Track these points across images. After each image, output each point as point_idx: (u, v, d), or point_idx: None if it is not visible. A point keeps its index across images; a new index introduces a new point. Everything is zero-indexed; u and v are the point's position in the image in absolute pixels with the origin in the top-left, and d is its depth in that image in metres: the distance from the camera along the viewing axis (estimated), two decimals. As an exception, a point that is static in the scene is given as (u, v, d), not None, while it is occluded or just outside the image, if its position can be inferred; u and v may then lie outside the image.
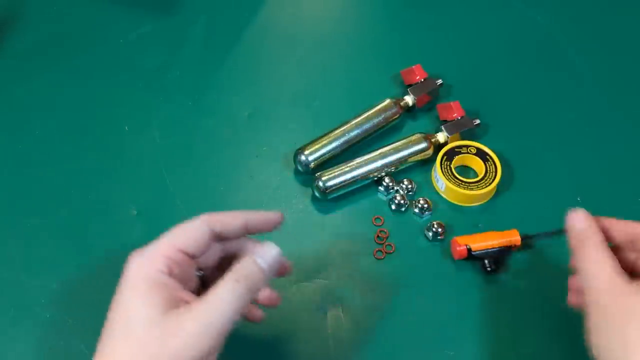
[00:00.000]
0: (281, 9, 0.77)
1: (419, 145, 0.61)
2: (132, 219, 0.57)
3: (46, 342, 0.50)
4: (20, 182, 0.59)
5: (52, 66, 0.69)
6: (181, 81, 0.68)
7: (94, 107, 0.66)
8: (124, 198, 0.58)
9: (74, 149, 0.62)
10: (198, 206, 0.58)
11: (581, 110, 0.67)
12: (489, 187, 0.58)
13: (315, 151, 0.59)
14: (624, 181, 0.61)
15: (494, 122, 0.65)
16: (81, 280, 0.53)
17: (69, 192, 0.59)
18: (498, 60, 0.72)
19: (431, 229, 0.56)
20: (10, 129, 0.63)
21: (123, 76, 0.69)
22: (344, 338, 0.51)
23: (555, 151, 0.63)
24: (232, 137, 0.64)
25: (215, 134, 0.64)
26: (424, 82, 0.66)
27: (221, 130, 0.64)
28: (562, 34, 0.74)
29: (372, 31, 0.76)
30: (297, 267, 0.55)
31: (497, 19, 0.77)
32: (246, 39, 0.73)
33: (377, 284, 0.54)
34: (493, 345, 0.51)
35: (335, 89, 0.68)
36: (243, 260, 0.39)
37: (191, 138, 0.64)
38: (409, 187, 0.59)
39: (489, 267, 0.53)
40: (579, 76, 0.70)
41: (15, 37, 0.71)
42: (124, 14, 0.74)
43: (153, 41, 0.72)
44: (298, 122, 0.65)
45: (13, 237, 0.56)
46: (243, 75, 0.70)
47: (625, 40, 0.74)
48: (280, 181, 0.60)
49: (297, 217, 0.58)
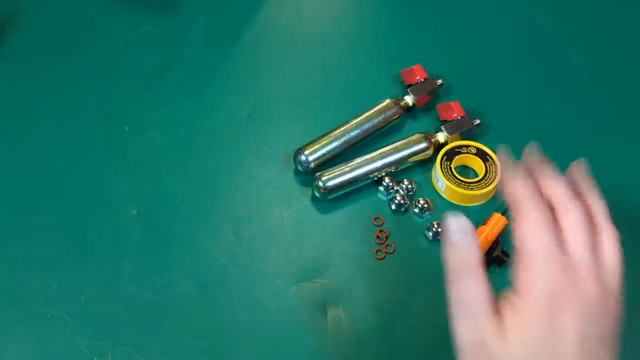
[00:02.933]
0: (281, 8, 0.77)
1: (419, 145, 0.61)
2: (132, 219, 0.57)
3: (46, 342, 0.50)
4: (20, 182, 0.59)
5: (52, 66, 0.69)
6: (181, 81, 0.68)
7: (94, 107, 0.66)
8: (124, 198, 0.58)
9: (74, 149, 0.62)
10: (198, 206, 0.58)
11: (581, 110, 0.67)
12: (489, 187, 0.58)
13: (315, 151, 0.59)
14: (624, 181, 0.61)
15: (494, 122, 0.65)
16: (81, 280, 0.53)
17: (69, 192, 0.59)
18: (498, 60, 0.72)
19: (431, 229, 0.56)
20: (10, 129, 0.63)
21: (123, 76, 0.69)
22: (344, 338, 0.51)
23: (555, 151, 0.63)
24: (232, 137, 0.64)
25: (215, 134, 0.64)
26: (424, 82, 0.66)
27: (221, 130, 0.64)
28: (562, 33, 0.74)
29: (372, 31, 0.76)
30: (297, 267, 0.55)
31: (497, 19, 0.77)
32: (246, 39, 0.73)
33: (377, 284, 0.54)
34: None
35: (335, 89, 0.68)
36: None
37: (191, 138, 0.64)
38: (409, 187, 0.59)
39: (505, 258, 0.54)
40: (579, 76, 0.70)
41: (15, 37, 0.71)
42: (124, 14, 0.74)
43: (153, 41, 0.72)
44: (298, 122, 0.65)
45: (13, 237, 0.56)
46: (243, 75, 0.70)
47: (625, 40, 0.74)
48: (280, 181, 0.60)
49: (297, 217, 0.58)
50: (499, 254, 0.54)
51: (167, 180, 0.60)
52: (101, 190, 0.59)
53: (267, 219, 0.58)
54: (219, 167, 0.61)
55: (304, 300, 0.53)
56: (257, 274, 0.54)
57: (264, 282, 0.54)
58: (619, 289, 0.38)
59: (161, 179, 0.60)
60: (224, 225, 0.57)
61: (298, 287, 0.54)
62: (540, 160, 0.41)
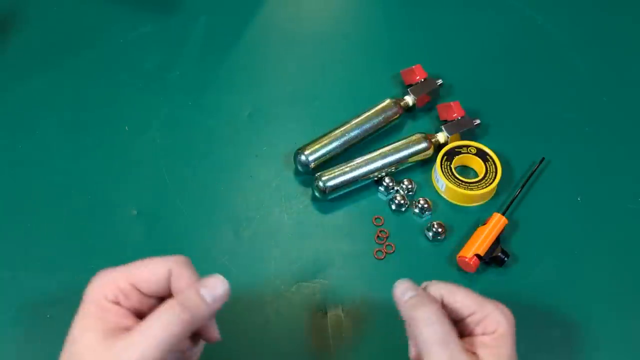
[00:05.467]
0: (281, 8, 0.77)
1: (419, 145, 0.60)
2: (132, 219, 0.57)
3: (46, 342, 0.50)
4: (20, 182, 0.59)
5: (52, 66, 0.69)
6: (181, 81, 0.68)
7: (94, 107, 0.66)
8: (124, 198, 0.58)
9: (74, 149, 0.62)
10: (198, 206, 0.58)
11: (581, 110, 0.67)
12: (489, 187, 0.58)
13: (316, 151, 0.59)
14: (624, 181, 0.61)
15: (494, 122, 0.65)
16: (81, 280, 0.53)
17: (69, 192, 0.59)
18: (498, 60, 0.72)
19: (431, 229, 0.56)
20: (10, 129, 0.63)
21: (123, 76, 0.69)
22: (344, 338, 0.51)
23: (555, 151, 0.63)
24: (232, 137, 0.64)
25: (215, 134, 0.64)
26: (424, 82, 0.66)
27: (221, 130, 0.64)
28: (562, 33, 0.75)
29: (372, 31, 0.76)
30: (297, 267, 0.55)
31: (497, 19, 0.77)
32: (246, 39, 0.73)
33: (377, 284, 0.54)
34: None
35: (335, 89, 0.68)
36: (187, 289, 0.38)
37: (191, 138, 0.64)
38: (409, 187, 0.59)
39: (505, 258, 0.54)
40: (578, 76, 0.70)
41: (15, 37, 0.71)
42: (124, 14, 0.74)
43: (153, 41, 0.72)
44: (298, 122, 0.65)
45: (13, 237, 0.56)
46: (243, 75, 0.70)
47: (625, 40, 0.74)
48: (280, 181, 0.60)
49: (297, 217, 0.58)
50: (499, 254, 0.54)
51: (167, 180, 0.60)
52: (101, 190, 0.59)
53: (267, 219, 0.58)
54: (219, 167, 0.61)
55: (304, 300, 0.53)
56: (257, 274, 0.54)
57: (264, 282, 0.54)
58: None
59: (161, 179, 0.60)
60: (224, 225, 0.57)
61: (298, 287, 0.54)
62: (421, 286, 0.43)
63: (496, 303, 0.40)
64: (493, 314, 0.39)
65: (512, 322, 0.39)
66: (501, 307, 0.40)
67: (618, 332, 0.52)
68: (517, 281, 0.54)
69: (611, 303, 0.53)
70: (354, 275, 0.55)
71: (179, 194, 0.59)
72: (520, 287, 0.54)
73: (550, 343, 0.51)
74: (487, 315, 0.40)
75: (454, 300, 0.41)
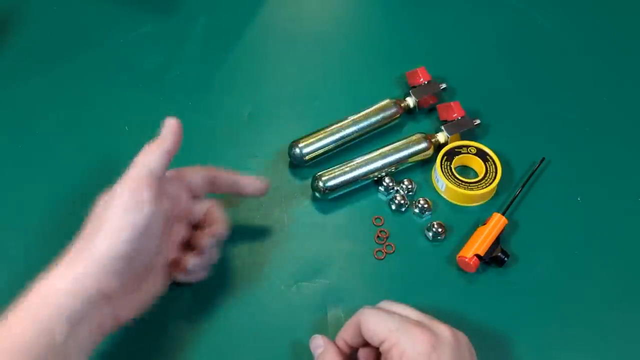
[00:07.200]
0: (281, 8, 0.77)
1: (419, 145, 0.60)
2: (132, 219, 0.57)
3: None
4: (20, 182, 0.59)
5: (52, 66, 0.69)
6: (181, 81, 0.68)
7: (94, 107, 0.66)
8: (124, 198, 0.58)
9: (74, 149, 0.62)
10: (198, 206, 0.58)
11: (581, 110, 0.67)
12: (489, 187, 0.58)
13: (310, 144, 0.59)
14: (624, 181, 0.61)
15: (494, 122, 0.65)
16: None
17: (69, 192, 0.59)
18: (498, 61, 0.72)
19: (431, 229, 0.56)
20: (10, 129, 0.63)
21: (123, 76, 0.69)
22: (344, 338, 0.51)
23: (555, 151, 0.63)
24: (232, 137, 0.64)
25: (215, 134, 0.64)
26: (427, 85, 0.65)
27: (221, 130, 0.64)
28: (562, 33, 0.75)
29: (374, 31, 0.76)
30: (297, 267, 0.55)
31: (497, 19, 0.77)
32: (246, 39, 0.73)
33: (377, 284, 0.54)
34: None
35: (336, 89, 0.68)
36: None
37: (191, 138, 0.63)
38: (409, 187, 0.59)
39: (505, 258, 0.54)
40: (579, 76, 0.70)
41: (15, 37, 0.71)
42: (124, 14, 0.74)
43: (153, 41, 0.72)
44: (298, 122, 0.65)
45: (13, 237, 0.56)
46: (243, 75, 0.70)
47: (625, 40, 0.74)
48: (280, 181, 0.60)
49: (297, 217, 0.58)
50: (499, 254, 0.54)
51: (167, 180, 0.60)
52: (102, 190, 0.59)
53: (267, 219, 0.58)
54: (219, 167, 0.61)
55: (304, 300, 0.53)
56: (257, 274, 0.54)
57: (264, 282, 0.54)
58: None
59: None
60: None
61: (298, 287, 0.54)
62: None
63: (418, 328, 0.42)
64: (400, 341, 0.41)
65: (423, 349, 0.40)
66: (416, 333, 0.41)
67: (618, 332, 0.52)
68: (517, 281, 0.54)
69: (611, 303, 0.53)
70: (354, 275, 0.55)
71: (179, 194, 0.59)
72: (520, 287, 0.54)
73: (550, 343, 0.51)
74: (394, 344, 0.41)
75: (367, 329, 0.43)
